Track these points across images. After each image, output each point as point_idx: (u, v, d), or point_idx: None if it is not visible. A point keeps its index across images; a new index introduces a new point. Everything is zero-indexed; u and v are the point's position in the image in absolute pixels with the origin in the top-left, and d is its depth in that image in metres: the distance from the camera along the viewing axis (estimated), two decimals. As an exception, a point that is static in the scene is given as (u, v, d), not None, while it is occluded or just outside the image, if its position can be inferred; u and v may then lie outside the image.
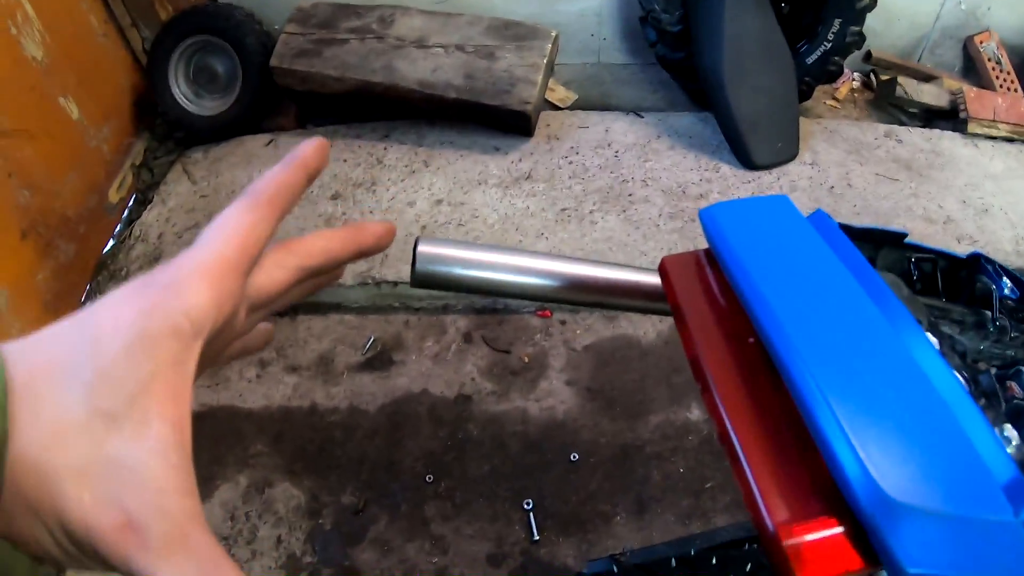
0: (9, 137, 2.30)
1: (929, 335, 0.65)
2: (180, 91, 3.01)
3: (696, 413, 2.19)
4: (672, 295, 0.65)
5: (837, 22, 2.84)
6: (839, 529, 0.46)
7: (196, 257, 0.38)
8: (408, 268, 0.77)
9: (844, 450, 0.46)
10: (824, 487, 0.47)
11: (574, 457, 2.11)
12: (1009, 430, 0.59)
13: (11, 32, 2.34)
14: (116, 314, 0.34)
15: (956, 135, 3.09)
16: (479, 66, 2.69)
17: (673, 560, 1.01)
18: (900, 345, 0.53)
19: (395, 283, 2.42)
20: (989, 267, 0.84)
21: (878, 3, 2.88)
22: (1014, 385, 0.75)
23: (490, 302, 2.47)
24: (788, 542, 0.45)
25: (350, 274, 2.44)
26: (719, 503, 2.05)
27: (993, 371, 0.79)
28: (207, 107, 3.04)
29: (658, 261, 0.69)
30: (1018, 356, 0.82)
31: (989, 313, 0.81)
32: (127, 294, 0.35)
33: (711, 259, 0.66)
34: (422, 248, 0.72)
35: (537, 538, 1.96)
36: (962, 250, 2.71)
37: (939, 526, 0.44)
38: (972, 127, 3.09)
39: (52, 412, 0.32)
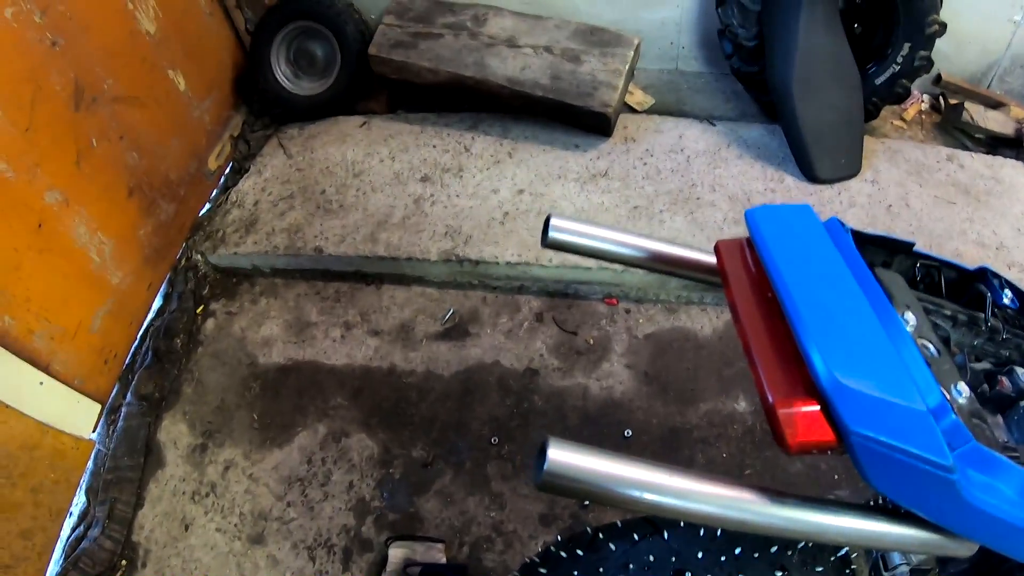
0: (122, 103, 2.47)
1: (909, 312, 0.87)
2: (280, 71, 3.22)
3: (743, 404, 2.32)
4: (721, 264, 0.93)
5: (907, 46, 2.91)
6: (816, 407, 0.71)
7: None
8: (490, 250, 1.00)
9: (815, 353, 0.72)
10: (810, 381, 0.72)
11: (627, 434, 2.27)
12: (962, 386, 0.81)
13: (128, 7, 2.52)
14: None
15: (1019, 164, 3.11)
16: (565, 68, 2.85)
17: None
18: (866, 305, 0.79)
19: (476, 262, 2.58)
20: (995, 280, 1.04)
21: (949, 28, 2.92)
22: (1004, 380, 0.95)
23: (562, 287, 2.64)
24: (781, 411, 0.71)
25: (435, 250, 2.62)
26: (758, 488, 2.20)
27: (988, 366, 0.98)
28: (304, 88, 3.24)
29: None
30: (1012, 357, 1.01)
31: (983, 315, 1.00)
32: None
33: (750, 244, 0.93)
34: (554, 221, 1.00)
35: (587, 503, 2.10)
36: (1012, 277, 2.81)
37: (874, 404, 0.69)
38: None
39: None
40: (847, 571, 1.09)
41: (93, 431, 2.31)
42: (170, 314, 2.67)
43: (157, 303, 2.71)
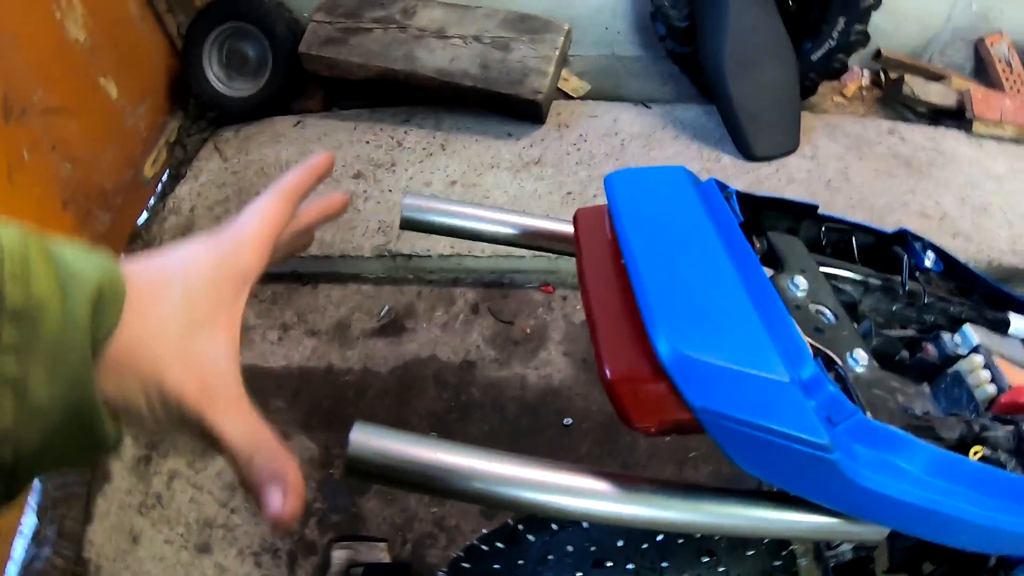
0: (53, 114, 2.41)
1: (800, 277, 0.79)
2: (213, 74, 3.17)
3: (685, 387, 2.30)
4: (576, 233, 0.85)
5: (842, 20, 2.90)
6: (663, 384, 0.62)
7: (247, 230, 0.56)
8: (421, 241, 0.94)
9: (657, 322, 0.63)
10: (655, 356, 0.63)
11: (567, 422, 2.24)
12: (859, 354, 0.73)
13: (56, 16, 2.46)
14: (198, 259, 0.53)
15: (960, 134, 3.12)
16: (494, 57, 2.82)
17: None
18: (731, 271, 0.70)
19: (409, 256, 2.56)
20: (915, 243, 0.96)
21: (888, 3, 2.93)
22: (929, 346, 0.88)
23: (497, 277, 2.61)
24: (620, 387, 0.63)
25: (368, 246, 2.59)
26: (701, 472, 2.16)
27: (912, 332, 0.93)
28: (238, 89, 3.19)
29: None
30: (938, 322, 0.95)
31: (899, 279, 0.94)
32: (206, 247, 0.54)
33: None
34: (406, 200, 0.94)
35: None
36: (956, 246, 2.79)
37: (724, 377, 0.60)
38: (977, 127, 3.13)
39: (155, 316, 0.49)
40: (783, 552, 1.04)
41: None
42: None
43: None
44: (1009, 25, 3.38)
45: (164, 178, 3.10)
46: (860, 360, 0.72)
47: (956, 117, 3.23)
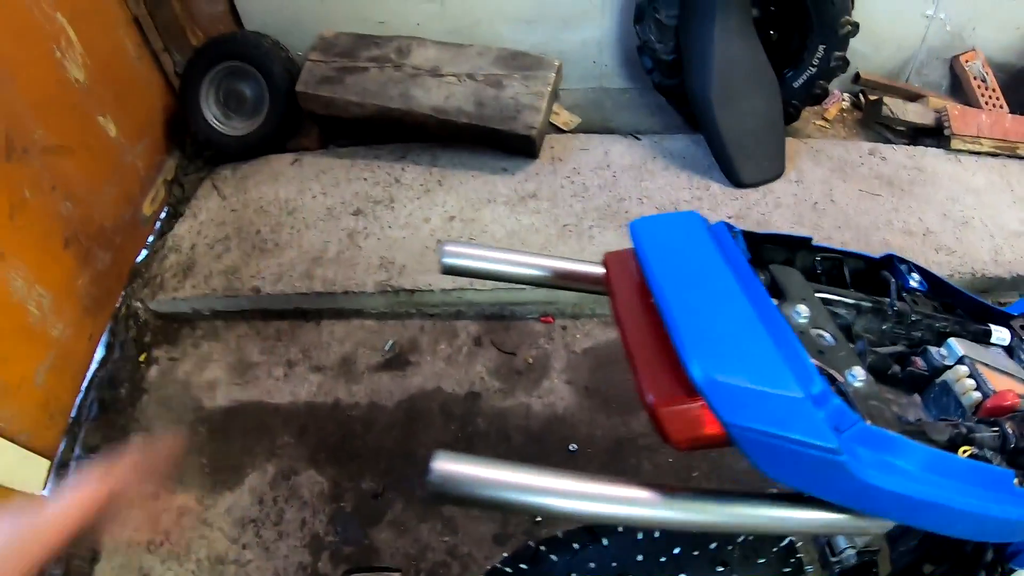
0: (53, 153, 2.44)
1: (803, 305, 0.89)
2: (211, 113, 3.22)
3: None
4: (608, 275, 0.96)
5: (821, 48, 3.01)
6: (698, 404, 0.73)
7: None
8: (424, 278, 1.01)
9: (690, 352, 0.74)
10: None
11: (572, 448, 2.30)
12: (857, 370, 0.83)
13: (55, 55, 2.50)
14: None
15: (940, 152, 3.24)
16: (488, 94, 2.91)
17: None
18: (745, 304, 0.81)
19: (412, 291, 2.61)
20: (901, 266, 1.08)
21: (864, 27, 3.03)
22: (918, 360, 0.99)
23: (498, 309, 2.68)
24: (661, 410, 0.74)
25: (371, 282, 2.65)
26: (703, 491, 2.24)
27: (902, 348, 1.02)
28: (235, 128, 3.24)
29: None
30: (924, 337, 1.04)
31: (887, 300, 1.03)
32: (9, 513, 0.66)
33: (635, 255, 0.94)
34: (447, 247, 1.03)
35: (539, 519, 2.13)
36: (940, 259, 2.88)
37: (750, 396, 0.71)
38: (956, 143, 3.26)
39: None
40: (791, 560, 1.11)
41: (44, 488, 2.27)
42: (113, 364, 2.64)
43: (99, 353, 2.66)
44: (982, 42, 3.51)
45: (162, 216, 3.13)
46: (858, 376, 0.83)
47: (934, 135, 3.35)
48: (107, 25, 2.87)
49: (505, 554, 1.20)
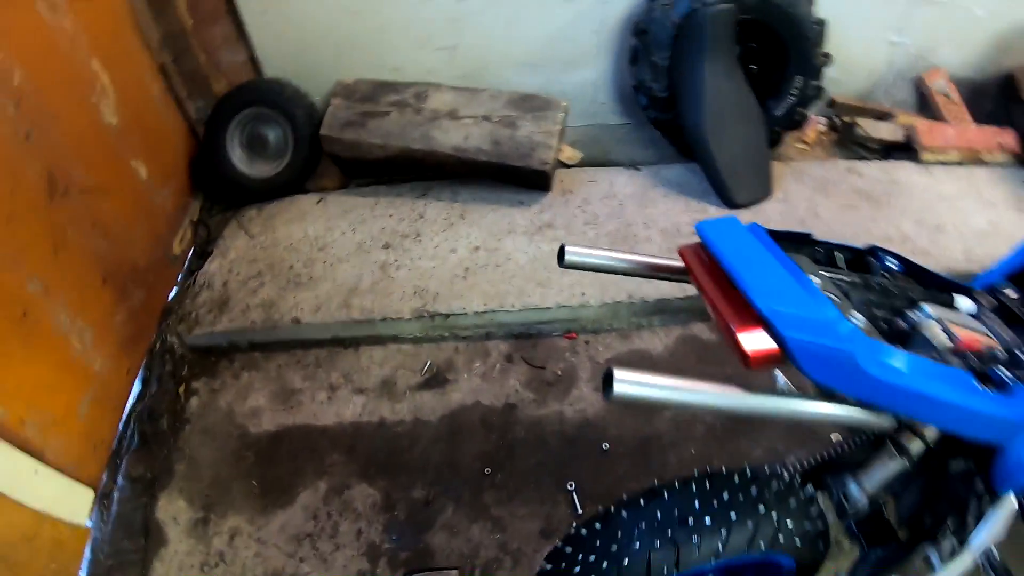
0: (91, 193, 2.52)
1: (814, 277, 1.23)
2: (236, 156, 3.38)
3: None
4: (686, 262, 1.31)
5: (799, 79, 3.31)
6: (763, 333, 1.10)
7: None
8: (458, 303, 1.33)
9: (757, 296, 1.11)
10: (757, 319, 1.12)
11: (605, 447, 2.48)
12: (857, 315, 1.18)
13: (92, 99, 2.61)
14: None
15: (911, 164, 3.49)
16: (504, 134, 3.15)
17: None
18: (785, 272, 1.17)
19: (446, 315, 2.80)
20: (883, 254, 1.46)
21: (837, 55, 3.32)
22: (900, 321, 1.31)
23: (526, 329, 2.88)
24: (740, 334, 1.10)
25: (407, 309, 2.84)
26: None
27: (887, 314, 1.34)
28: (260, 170, 3.40)
29: (658, 285, 1.36)
30: (902, 306, 1.38)
31: (874, 278, 1.37)
32: None
33: (701, 246, 1.31)
34: (570, 248, 1.40)
35: (581, 511, 2.30)
36: (917, 262, 3.14)
37: (799, 320, 1.09)
38: (925, 156, 3.49)
39: None
40: (811, 507, 1.35)
41: (88, 518, 2.31)
42: (151, 397, 2.69)
43: (137, 387, 2.71)
44: (945, 60, 3.76)
45: (190, 255, 3.25)
46: (858, 318, 1.17)
47: (905, 149, 3.59)
48: (136, 72, 3.00)
49: (549, 548, 1.41)
